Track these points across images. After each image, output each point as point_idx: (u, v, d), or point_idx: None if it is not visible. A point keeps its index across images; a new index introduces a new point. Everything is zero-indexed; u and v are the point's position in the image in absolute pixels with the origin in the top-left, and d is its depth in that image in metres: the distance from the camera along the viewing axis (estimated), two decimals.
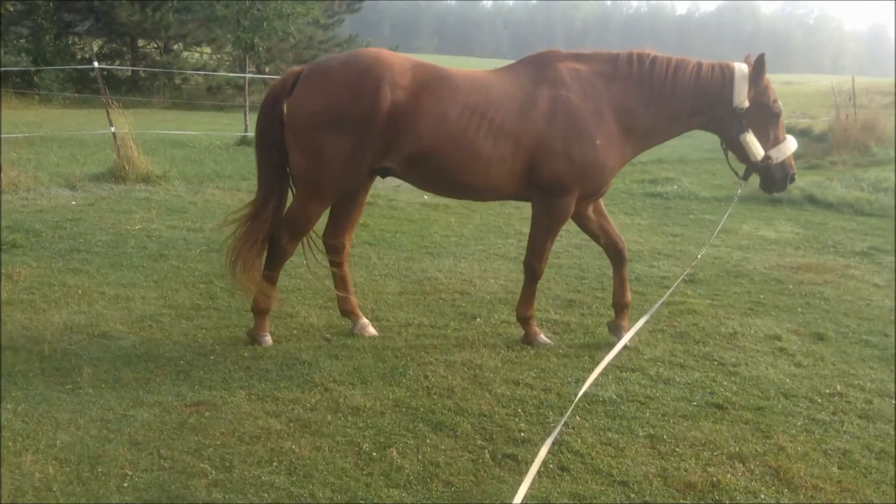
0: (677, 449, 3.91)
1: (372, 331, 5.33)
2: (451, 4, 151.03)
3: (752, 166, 5.02)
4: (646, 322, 3.65)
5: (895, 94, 25.29)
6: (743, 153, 4.98)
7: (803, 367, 5.06)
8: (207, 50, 30.05)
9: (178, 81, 28.41)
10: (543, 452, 2.37)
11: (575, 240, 8.47)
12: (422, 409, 4.21)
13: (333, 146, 4.69)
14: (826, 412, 4.40)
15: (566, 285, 6.71)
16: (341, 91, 4.69)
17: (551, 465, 3.71)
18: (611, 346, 5.25)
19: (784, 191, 5.19)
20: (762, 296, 6.57)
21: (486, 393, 4.46)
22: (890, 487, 3.61)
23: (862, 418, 4.34)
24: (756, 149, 4.90)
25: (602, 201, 5.41)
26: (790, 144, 4.98)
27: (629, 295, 5.40)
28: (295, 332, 5.31)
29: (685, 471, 3.70)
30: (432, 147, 4.73)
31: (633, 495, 3.50)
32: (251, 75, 19.76)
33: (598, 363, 4.91)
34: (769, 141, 4.93)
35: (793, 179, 5.09)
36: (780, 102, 4.98)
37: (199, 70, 27.48)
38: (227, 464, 3.58)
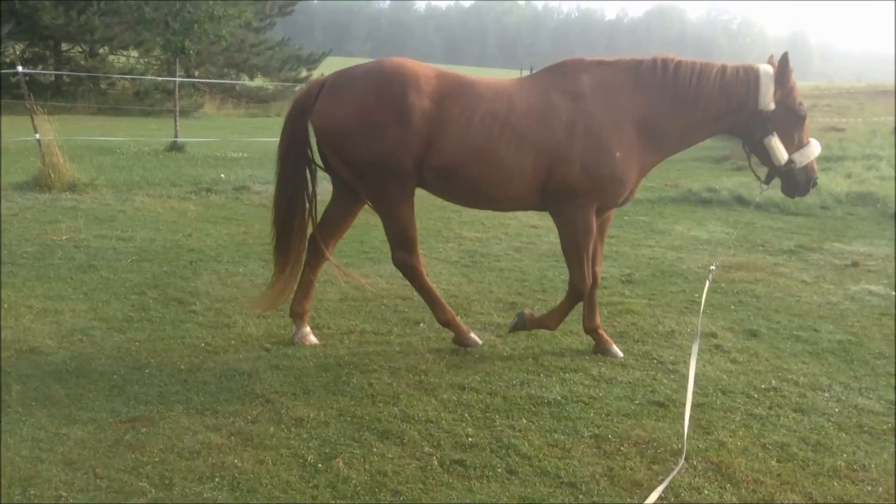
0: (622, 448, 3.95)
1: (313, 339, 5.25)
2: (383, 8, 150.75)
3: (774, 170, 4.91)
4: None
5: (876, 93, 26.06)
6: (766, 156, 4.87)
7: (739, 363, 5.18)
8: (135, 53, 29.24)
9: (104, 86, 27.59)
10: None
11: (515, 242, 8.53)
12: (367, 418, 4.15)
13: (373, 152, 4.67)
14: (762, 407, 4.50)
15: (507, 288, 6.74)
16: (367, 98, 4.68)
17: (499, 470, 3.69)
18: (559, 351, 5.31)
19: (805, 195, 5.06)
20: (696, 294, 6.71)
21: (432, 399, 4.43)
22: (827, 479, 3.71)
23: (797, 412, 4.46)
24: (780, 152, 4.79)
25: (611, 221, 5.37)
26: (814, 148, 4.85)
27: (598, 318, 5.30)
28: (233, 342, 5.19)
29: (631, 469, 3.73)
30: (458, 155, 4.70)
31: (581, 496, 3.52)
32: (181, 79, 19.33)
33: (541, 365, 4.97)
34: (793, 144, 4.82)
35: (815, 184, 4.96)
36: (805, 105, 4.87)
37: (126, 74, 26.74)
38: (167, 481, 3.46)
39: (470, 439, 3.97)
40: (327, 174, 5.20)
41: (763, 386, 4.78)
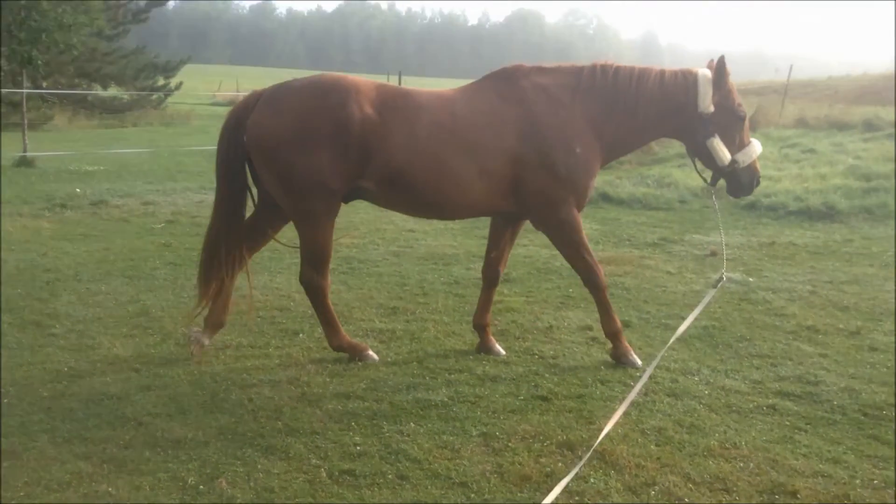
0: (510, 444, 3.99)
1: (199, 349, 5.05)
2: (243, 15, 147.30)
3: (718, 171, 4.98)
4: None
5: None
6: (710, 158, 4.94)
7: None
8: None
9: None
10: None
11: (392, 247, 8.50)
12: (249, 434, 4.01)
13: (305, 164, 4.56)
14: (639, 394, 4.66)
15: (388, 293, 6.70)
16: (306, 108, 4.59)
17: (390, 476, 3.65)
18: (443, 353, 5.31)
19: (750, 194, 5.15)
20: (571, 290, 6.90)
21: (316, 410, 4.33)
22: (703, 458, 3.88)
23: (670, 396, 4.65)
24: (723, 153, 4.85)
25: (521, 226, 5.37)
26: (755, 148, 4.95)
27: (489, 317, 5.38)
28: (99, 365, 4.90)
29: (520, 464, 3.78)
30: (404, 166, 4.64)
31: (472, 495, 3.53)
32: (28, 91, 18.13)
33: (426, 368, 4.96)
34: (735, 145, 4.89)
35: (758, 183, 5.06)
36: (744, 106, 4.99)
37: None
38: None
39: (358, 448, 3.91)
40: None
41: (638, 374, 4.96)
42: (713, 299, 4.94)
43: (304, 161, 4.57)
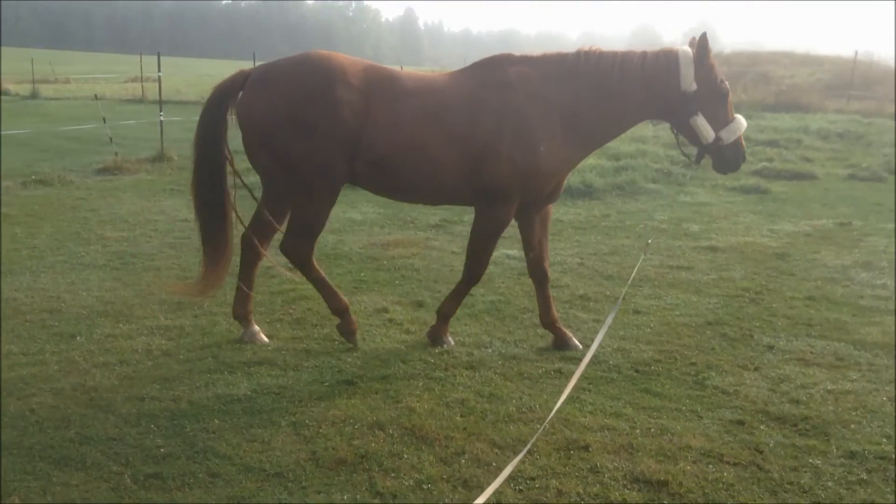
0: (321, 430, 4.00)
1: (264, 338, 5.21)
2: None
3: (703, 149, 5.00)
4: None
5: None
6: (694, 136, 4.94)
7: (412, 333, 5.50)
8: None
9: None
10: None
11: (168, 239, 8.08)
12: (38, 447, 3.69)
13: (301, 146, 4.60)
14: (440, 370, 4.85)
15: (170, 288, 6.35)
16: (293, 90, 4.61)
17: (200, 475, 3.53)
18: (239, 347, 5.16)
19: (736, 170, 5.15)
20: (363, 273, 6.97)
21: (109, 416, 4.06)
22: (504, 424, 4.13)
23: (468, 369, 4.88)
24: (706, 131, 4.86)
25: (551, 216, 5.33)
26: (740, 124, 4.96)
27: (555, 311, 5.35)
28: None
29: (333, 449, 3.80)
30: (389, 148, 4.66)
31: (290, 484, 3.50)
32: None
33: (222, 362, 4.82)
34: (719, 122, 4.89)
35: (744, 159, 5.07)
36: (727, 82, 4.95)
37: None
38: None
39: (162, 450, 3.74)
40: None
41: (437, 351, 5.15)
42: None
43: (301, 145, 4.60)
